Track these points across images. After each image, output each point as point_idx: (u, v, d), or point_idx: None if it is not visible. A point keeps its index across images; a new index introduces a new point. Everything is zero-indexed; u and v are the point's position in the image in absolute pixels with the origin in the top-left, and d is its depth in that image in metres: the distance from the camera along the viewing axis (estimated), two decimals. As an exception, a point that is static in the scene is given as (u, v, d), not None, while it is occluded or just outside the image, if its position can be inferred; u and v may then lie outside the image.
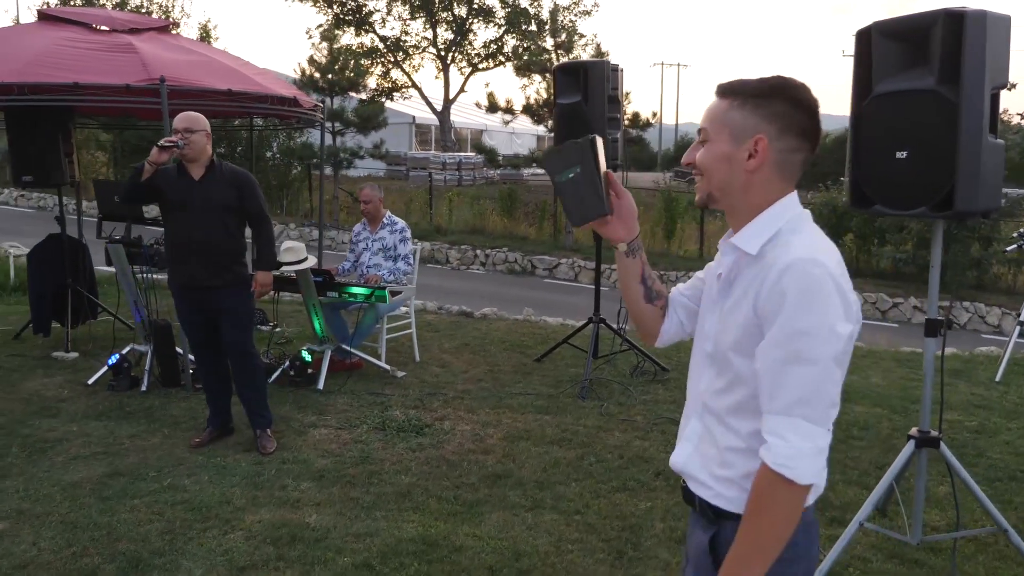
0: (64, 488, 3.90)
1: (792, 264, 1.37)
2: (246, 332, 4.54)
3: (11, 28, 6.63)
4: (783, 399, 1.37)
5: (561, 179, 1.56)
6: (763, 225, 1.48)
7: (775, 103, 1.46)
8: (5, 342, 6.74)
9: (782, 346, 1.37)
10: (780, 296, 1.37)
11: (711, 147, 1.50)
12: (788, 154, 1.48)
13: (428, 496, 3.90)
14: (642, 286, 1.70)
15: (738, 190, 1.50)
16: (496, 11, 29.69)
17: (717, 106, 1.51)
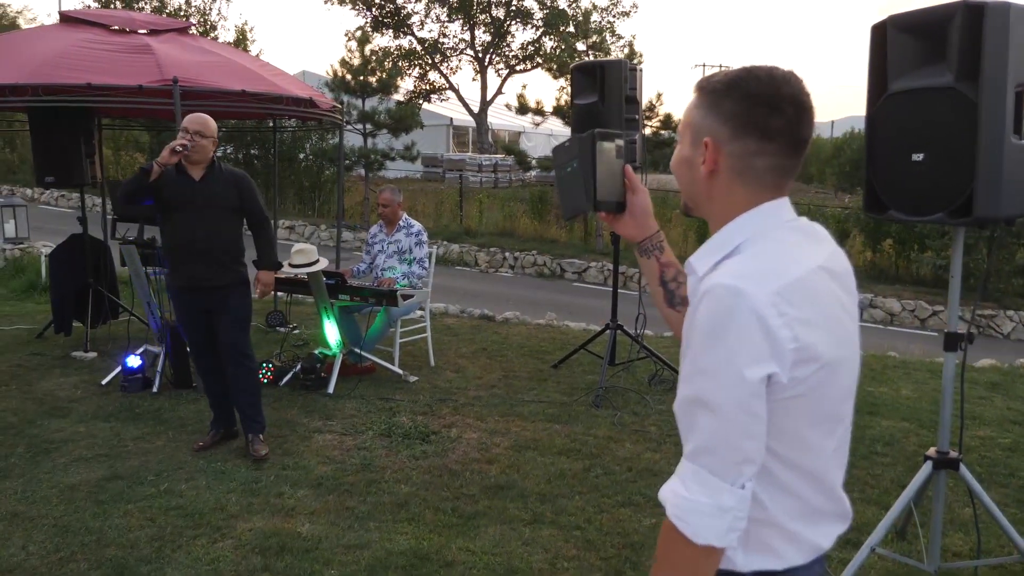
0: (62, 491, 3.88)
1: (709, 291, 1.19)
2: (244, 333, 4.48)
3: (32, 30, 6.70)
4: (689, 442, 1.21)
5: (561, 172, 1.56)
6: (719, 242, 1.30)
7: (728, 100, 1.27)
8: (28, 341, 6.81)
9: (687, 384, 1.20)
10: (691, 327, 1.21)
11: (678, 149, 1.38)
12: (747, 159, 1.27)
13: (425, 507, 3.79)
14: (662, 288, 1.59)
15: (703, 199, 1.35)
16: (534, 13, 29.58)
17: (688, 104, 1.37)
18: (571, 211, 1.57)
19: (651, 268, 1.59)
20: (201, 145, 4.23)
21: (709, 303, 1.18)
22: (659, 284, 1.58)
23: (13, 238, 10.76)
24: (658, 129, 15.19)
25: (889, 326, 11.42)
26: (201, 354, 4.56)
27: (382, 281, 5.89)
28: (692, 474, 1.19)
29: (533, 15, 29.69)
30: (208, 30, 18.36)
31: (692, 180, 1.35)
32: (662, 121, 15.10)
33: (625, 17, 32.01)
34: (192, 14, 18.63)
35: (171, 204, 4.30)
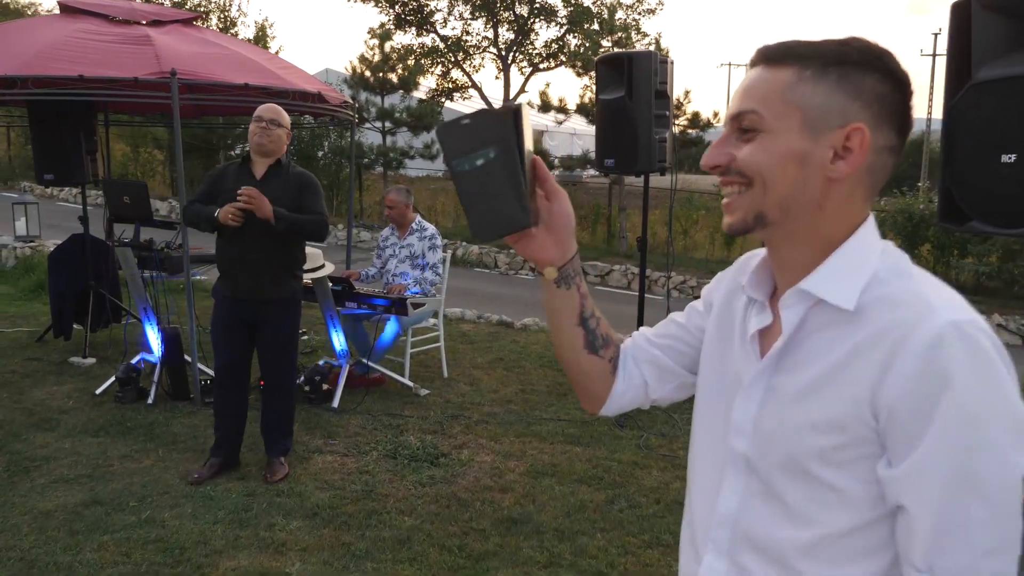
0: (35, 517, 3.55)
1: (947, 332, 0.87)
2: (290, 353, 4.14)
3: (28, 20, 6.42)
4: (962, 551, 0.87)
5: (464, 166, 1.02)
6: (849, 263, 0.98)
7: (868, 76, 0.95)
8: (28, 344, 6.53)
9: (948, 469, 0.87)
10: (937, 386, 0.86)
11: (770, 141, 0.97)
12: (884, 155, 0.98)
13: (430, 544, 3.42)
14: (581, 329, 1.18)
15: (810, 207, 0.98)
16: (559, 10, 29.16)
17: (773, 78, 0.98)
18: (494, 228, 1.04)
19: (570, 303, 1.16)
20: (276, 135, 3.91)
21: (959, 350, 0.86)
22: (579, 324, 1.18)
23: (24, 236, 10.54)
24: (685, 128, 14.73)
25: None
26: (225, 376, 4.10)
27: (392, 288, 5.53)
28: None
29: (557, 13, 29.27)
30: (228, 26, 18.14)
31: (804, 181, 0.97)
32: (690, 120, 14.65)
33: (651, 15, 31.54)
34: (212, 10, 18.44)
35: (226, 203, 3.90)
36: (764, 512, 1.01)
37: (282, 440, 4.16)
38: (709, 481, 1.10)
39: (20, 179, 18.17)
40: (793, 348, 1.00)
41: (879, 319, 0.93)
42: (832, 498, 0.95)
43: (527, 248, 1.11)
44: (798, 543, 0.98)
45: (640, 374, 1.22)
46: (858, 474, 0.94)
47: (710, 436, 1.11)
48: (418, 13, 29.63)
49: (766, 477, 1.01)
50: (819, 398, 0.95)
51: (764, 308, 1.08)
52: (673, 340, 1.22)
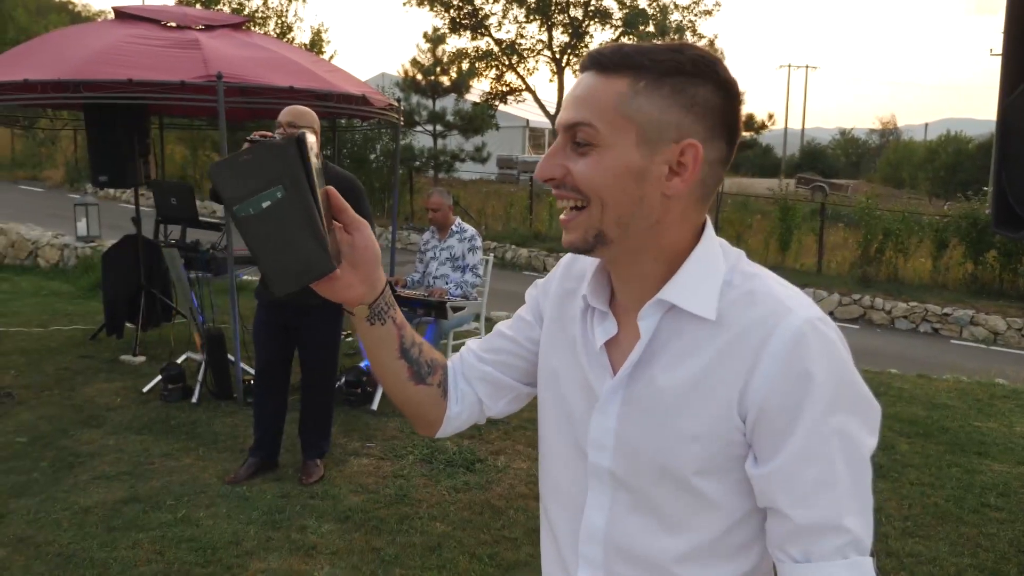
0: (75, 513, 3.61)
1: (805, 329, 0.91)
2: (331, 356, 4.15)
3: (84, 26, 6.61)
4: (833, 538, 0.90)
5: (247, 210, 0.90)
6: (701, 271, 0.98)
7: (701, 87, 0.93)
8: (81, 342, 6.70)
9: (820, 458, 0.90)
10: (801, 381, 0.90)
11: (606, 157, 0.93)
12: (716, 167, 0.97)
13: (460, 552, 3.37)
14: (403, 361, 1.11)
15: (648, 223, 0.96)
16: (613, 12, 28.98)
17: (608, 89, 0.93)
18: (296, 277, 0.93)
19: (387, 337, 1.09)
20: None
21: (818, 345, 0.90)
22: (400, 356, 1.11)
23: (85, 236, 10.86)
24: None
25: (992, 346, 10.47)
26: (266, 377, 4.13)
27: (433, 291, 5.51)
28: (847, 571, 0.90)
29: (612, 15, 29.09)
30: (284, 31, 18.47)
31: (640, 199, 0.94)
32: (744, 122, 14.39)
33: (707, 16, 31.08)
34: (270, 16, 18.79)
35: None
36: (636, 524, 1.00)
37: (319, 442, 4.17)
38: (569, 497, 1.07)
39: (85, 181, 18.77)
40: (650, 358, 0.98)
41: (738, 321, 0.94)
42: (707, 505, 0.97)
43: (331, 290, 1.02)
44: (675, 551, 0.99)
45: (473, 392, 1.17)
46: (731, 478, 0.96)
47: (563, 451, 1.08)
48: (473, 16, 29.79)
49: (637, 490, 1.00)
50: (689, 406, 0.95)
51: (607, 317, 1.04)
52: (504, 355, 1.17)
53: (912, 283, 12.45)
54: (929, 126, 56.89)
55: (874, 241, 12.88)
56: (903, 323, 11.32)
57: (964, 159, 34.96)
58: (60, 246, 10.93)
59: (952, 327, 11.04)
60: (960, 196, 13.42)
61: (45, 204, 16.17)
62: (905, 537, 3.65)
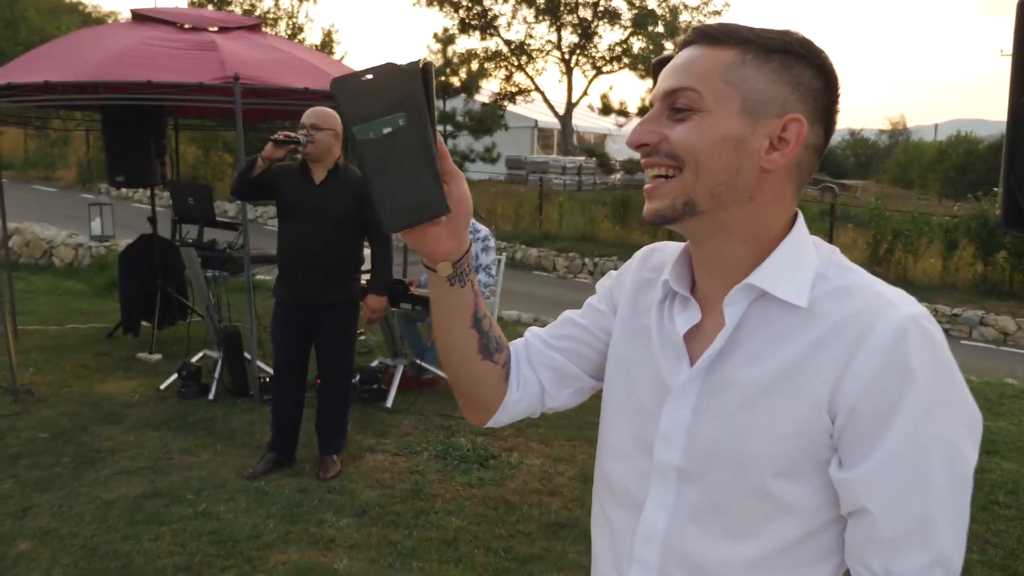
0: (98, 507, 3.68)
1: (908, 325, 0.85)
2: (347, 354, 4.21)
3: (102, 28, 6.69)
4: (919, 553, 0.85)
5: (367, 134, 0.84)
6: (793, 259, 0.93)
7: (808, 69, 0.91)
8: (98, 340, 6.78)
9: (914, 465, 0.84)
10: (901, 380, 0.83)
11: (707, 122, 0.90)
12: (811, 152, 0.94)
13: (476, 545, 3.43)
14: (475, 331, 1.04)
15: (741, 198, 0.92)
16: (623, 13, 28.99)
17: (714, 57, 0.91)
18: (409, 213, 0.88)
19: (464, 302, 1.02)
20: (319, 139, 3.89)
21: (921, 342, 0.84)
22: (472, 326, 1.03)
23: (99, 236, 10.96)
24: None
25: (1002, 346, 10.47)
26: (284, 375, 4.18)
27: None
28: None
29: (621, 15, 29.11)
30: (295, 32, 18.58)
31: (737, 169, 0.90)
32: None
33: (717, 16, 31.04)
34: (281, 17, 18.91)
35: (286, 207, 4.02)
36: (701, 528, 0.94)
37: (336, 438, 4.23)
38: (629, 495, 1.02)
39: (98, 181, 18.91)
40: (733, 348, 0.93)
41: (834, 313, 0.89)
42: (783, 510, 0.90)
43: (422, 239, 0.95)
44: (742, 560, 0.92)
45: (536, 379, 1.11)
46: (811, 482, 0.90)
47: (627, 446, 1.03)
48: (482, 17, 29.85)
49: (706, 490, 0.94)
50: (774, 401, 0.90)
51: (689, 303, 1.00)
52: (574, 342, 1.12)
53: (922, 284, 12.45)
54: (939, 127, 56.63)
55: (883, 241, 12.89)
56: (913, 323, 11.33)
57: (974, 160, 34.81)
58: (75, 245, 11.03)
59: (962, 328, 11.04)
60: (970, 197, 13.40)
61: (58, 204, 16.32)
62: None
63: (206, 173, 18.52)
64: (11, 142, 21.69)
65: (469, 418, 1.14)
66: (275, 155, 3.85)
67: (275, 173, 4.02)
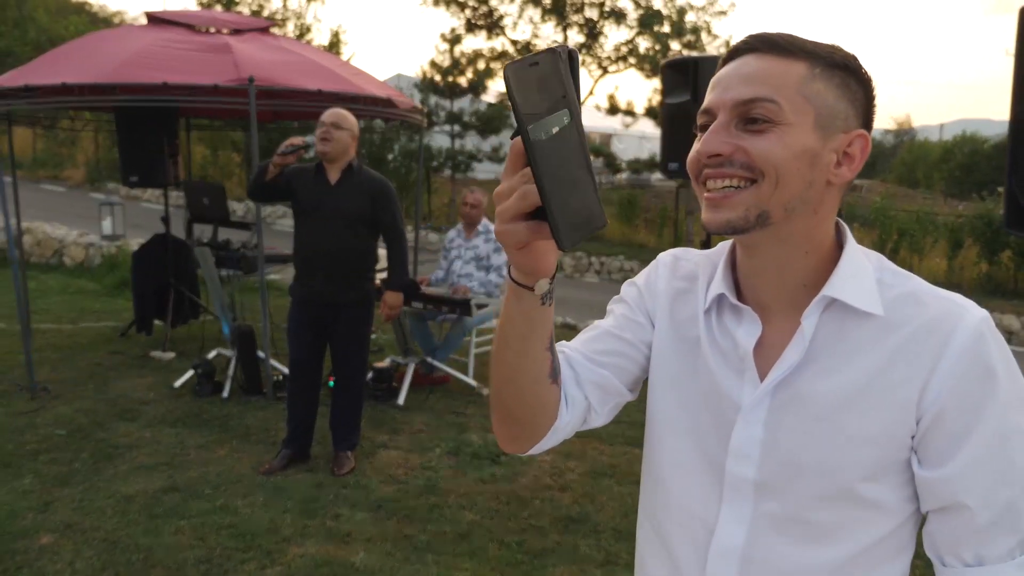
0: (118, 501, 3.75)
1: (983, 329, 0.90)
2: (361, 352, 4.26)
3: (118, 30, 6.76)
4: (1008, 538, 0.90)
5: (540, 134, 0.72)
6: (857, 270, 0.95)
7: (859, 85, 0.94)
8: (111, 338, 6.86)
9: (1001, 458, 0.89)
10: (984, 380, 0.89)
11: (788, 135, 0.90)
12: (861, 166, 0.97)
13: (490, 539, 3.49)
14: (549, 353, 0.95)
15: (809, 210, 0.93)
16: (628, 13, 29.00)
17: (788, 69, 0.91)
18: (582, 226, 0.74)
19: (546, 322, 0.92)
20: (337, 138, 3.94)
21: (994, 344, 0.90)
22: (548, 347, 0.95)
23: (110, 235, 11.04)
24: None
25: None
26: (299, 372, 4.24)
27: (456, 288, 5.63)
28: (1018, 571, 0.91)
29: (627, 15, 29.11)
30: (303, 32, 18.66)
31: (810, 182, 0.91)
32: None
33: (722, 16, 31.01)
34: (289, 17, 18.98)
35: (302, 208, 4.08)
36: (784, 538, 0.95)
37: (349, 435, 4.30)
38: (691, 513, 1.01)
39: (107, 181, 19.02)
40: (808, 361, 0.94)
41: (910, 320, 0.92)
42: (869, 514, 0.93)
43: (530, 254, 0.82)
44: (828, 563, 0.94)
45: (584, 399, 1.05)
46: (891, 483, 0.93)
47: (688, 464, 1.02)
48: (488, 17, 29.89)
49: (787, 501, 0.94)
50: (857, 409, 0.91)
51: (745, 315, 0.99)
52: (619, 357, 1.07)
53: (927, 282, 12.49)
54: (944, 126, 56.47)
55: (889, 241, 12.93)
56: (918, 323, 11.37)
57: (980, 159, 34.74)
58: (85, 245, 11.12)
59: (968, 327, 11.07)
60: (975, 196, 13.43)
61: (67, 203, 16.43)
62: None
63: (214, 173, 18.61)
64: (20, 141, 21.80)
65: (510, 447, 1.05)
66: (285, 161, 3.94)
67: (291, 174, 4.07)
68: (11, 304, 6.63)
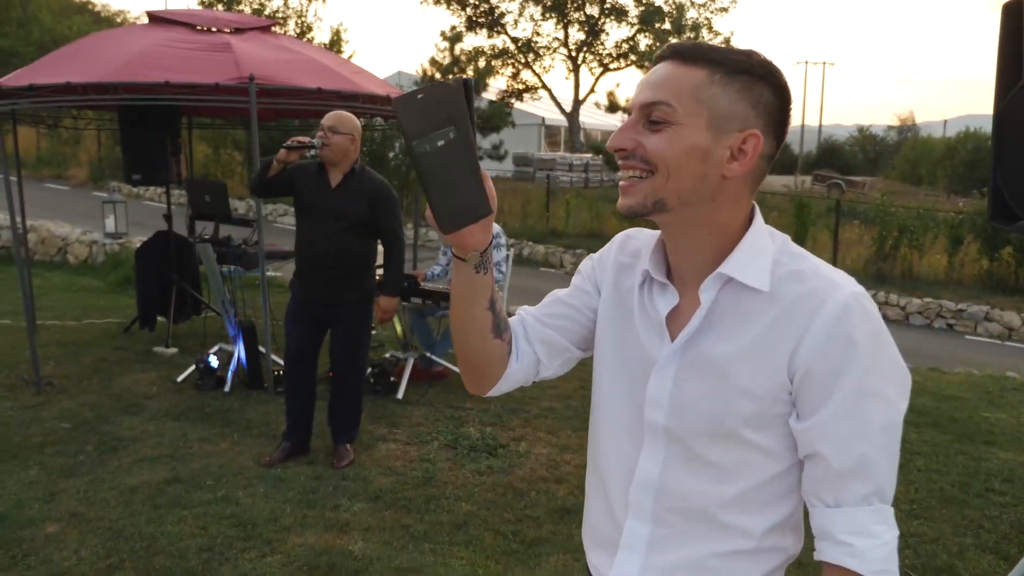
0: (122, 492, 3.83)
1: (851, 302, 1.04)
2: (360, 350, 4.32)
3: (120, 30, 6.83)
4: (861, 486, 1.05)
5: (425, 147, 0.97)
6: (754, 251, 1.11)
7: (766, 88, 1.07)
8: (115, 335, 6.94)
9: (856, 416, 1.04)
10: (845, 347, 1.03)
11: (679, 134, 1.06)
12: (765, 161, 1.10)
13: (485, 529, 3.56)
14: (490, 313, 1.19)
15: (704, 200, 1.09)
16: (629, 10, 29.06)
17: (685, 75, 1.07)
18: (458, 216, 1.01)
19: (484, 288, 1.16)
20: (335, 142, 3.96)
21: (858, 317, 1.03)
22: (488, 308, 1.18)
23: (113, 233, 11.13)
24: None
25: (1007, 341, 10.55)
26: (296, 368, 4.29)
27: (455, 284, 5.70)
28: (874, 516, 1.06)
29: (628, 13, 29.18)
30: (304, 31, 18.73)
31: (703, 176, 1.07)
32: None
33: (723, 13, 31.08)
34: (290, 16, 19.06)
35: (303, 207, 4.13)
36: (688, 475, 1.13)
37: (349, 429, 4.36)
38: (621, 452, 1.19)
39: (109, 180, 19.11)
40: (708, 326, 1.11)
41: (789, 295, 1.07)
42: (755, 456, 1.10)
43: (459, 235, 1.07)
44: (723, 498, 1.11)
45: (532, 352, 1.27)
46: (775, 432, 1.09)
47: (618, 410, 1.20)
48: (489, 15, 29.95)
49: (690, 444, 1.12)
50: (743, 368, 1.07)
51: (667, 288, 1.17)
52: (564, 320, 1.28)
53: (927, 279, 12.53)
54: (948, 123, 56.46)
55: (889, 238, 12.96)
56: (918, 319, 11.41)
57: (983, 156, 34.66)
58: (89, 243, 11.21)
59: (967, 323, 11.11)
60: (976, 193, 13.44)
61: (71, 202, 16.53)
62: (910, 519, 3.81)
63: (216, 171, 18.69)
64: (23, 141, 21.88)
65: (473, 389, 1.29)
66: (288, 158, 3.97)
67: (293, 172, 4.11)
68: (17, 301, 6.70)
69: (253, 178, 4.21)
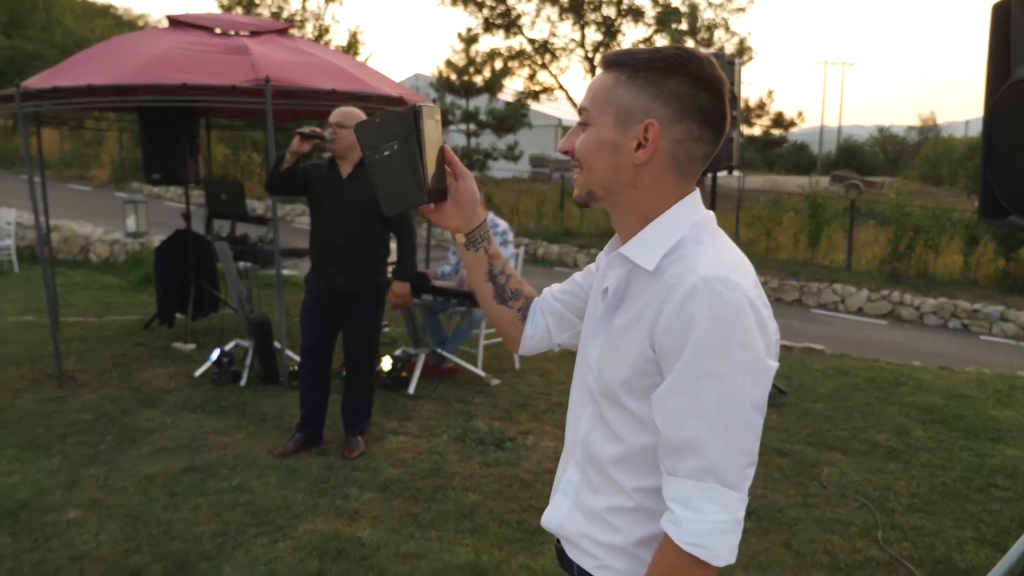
0: (140, 481, 3.95)
1: (699, 285, 1.11)
2: (372, 342, 4.43)
3: (141, 33, 6.99)
4: (692, 460, 1.12)
5: (374, 156, 1.33)
6: (659, 233, 1.22)
7: (671, 79, 1.18)
8: (135, 331, 7.10)
9: (689, 392, 1.11)
10: (686, 327, 1.11)
11: (592, 132, 1.23)
12: (686, 144, 1.20)
13: (490, 518, 3.65)
14: (491, 284, 1.47)
15: (624, 187, 1.23)
16: (646, 11, 29.02)
17: (601, 81, 1.23)
18: (397, 204, 1.34)
19: (479, 262, 1.46)
20: (342, 135, 4.11)
21: (705, 299, 1.10)
22: (488, 279, 1.47)
23: (133, 232, 11.31)
24: (769, 128, 14.55)
25: (1023, 342, 10.48)
26: (309, 360, 4.41)
27: (464, 281, 5.80)
28: (702, 492, 1.11)
29: (644, 13, 29.13)
30: (322, 34, 18.92)
31: (616, 166, 1.22)
32: (773, 119, 14.47)
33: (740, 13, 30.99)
34: (308, 18, 19.26)
35: (317, 202, 4.26)
36: (596, 431, 1.29)
37: (360, 421, 4.47)
38: (574, 411, 1.37)
39: (131, 180, 19.39)
40: (619, 301, 1.26)
41: (667, 275, 1.18)
42: (633, 420, 1.22)
43: (438, 218, 1.41)
44: (612, 455, 1.25)
45: (544, 322, 1.50)
46: (648, 400, 1.19)
47: (579, 372, 1.37)
48: (506, 16, 30.01)
49: (599, 404, 1.28)
50: (628, 338, 1.20)
51: (612, 265, 1.32)
52: (572, 296, 1.48)
53: (943, 279, 12.47)
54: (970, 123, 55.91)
55: (904, 237, 12.91)
56: (932, 319, 11.37)
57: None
58: (110, 242, 11.42)
59: (982, 323, 11.06)
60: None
61: (93, 202, 16.80)
62: (910, 513, 3.86)
63: (235, 172, 18.91)
64: (47, 142, 22.24)
65: (507, 346, 1.57)
66: (301, 148, 4.10)
67: (306, 170, 4.25)
68: (41, 298, 6.88)
69: (268, 175, 4.34)
